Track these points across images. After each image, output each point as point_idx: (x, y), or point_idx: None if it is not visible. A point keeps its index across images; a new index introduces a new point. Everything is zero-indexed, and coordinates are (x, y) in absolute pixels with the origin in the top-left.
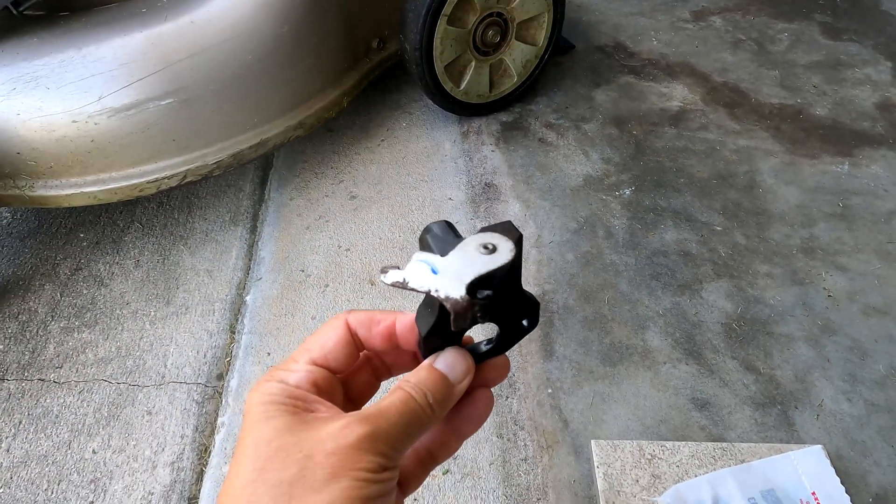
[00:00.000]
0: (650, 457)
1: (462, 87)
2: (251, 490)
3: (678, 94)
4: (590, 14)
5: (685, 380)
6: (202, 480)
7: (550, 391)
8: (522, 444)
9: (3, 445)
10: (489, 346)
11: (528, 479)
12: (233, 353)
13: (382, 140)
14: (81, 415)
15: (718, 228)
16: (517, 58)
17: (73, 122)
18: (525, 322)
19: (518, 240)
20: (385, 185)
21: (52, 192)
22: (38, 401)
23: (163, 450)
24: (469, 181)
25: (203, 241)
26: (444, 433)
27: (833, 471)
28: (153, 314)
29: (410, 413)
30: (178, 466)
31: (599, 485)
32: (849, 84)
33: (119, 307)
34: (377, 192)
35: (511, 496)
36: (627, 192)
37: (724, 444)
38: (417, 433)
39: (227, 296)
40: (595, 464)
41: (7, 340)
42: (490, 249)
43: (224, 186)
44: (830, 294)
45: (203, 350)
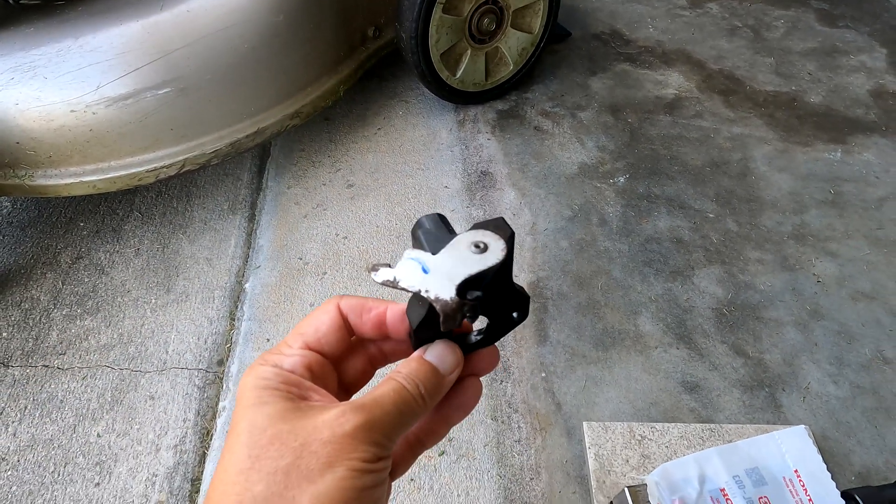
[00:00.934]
0: (640, 438)
1: (458, 76)
2: (245, 478)
3: (674, 82)
4: (587, 1)
5: (676, 364)
6: (205, 462)
7: (544, 375)
8: (516, 426)
9: (10, 430)
10: (479, 338)
11: (522, 460)
12: (233, 340)
13: (379, 128)
14: (85, 400)
15: (711, 215)
16: (513, 46)
17: (72, 112)
18: (515, 314)
19: (509, 238)
20: (382, 174)
21: (52, 182)
22: (43, 386)
23: (166, 433)
24: (465, 169)
25: (202, 230)
26: (434, 420)
27: (815, 450)
28: (154, 301)
29: (403, 403)
30: (181, 449)
31: (591, 465)
32: (843, 71)
33: (120, 295)
34: (374, 181)
35: (505, 476)
36: (622, 180)
37: (713, 426)
38: (410, 422)
39: (227, 283)
40: (587, 445)
41: (10, 328)
42: (481, 248)
43: (222, 175)
44: (820, 280)
45: (203, 336)
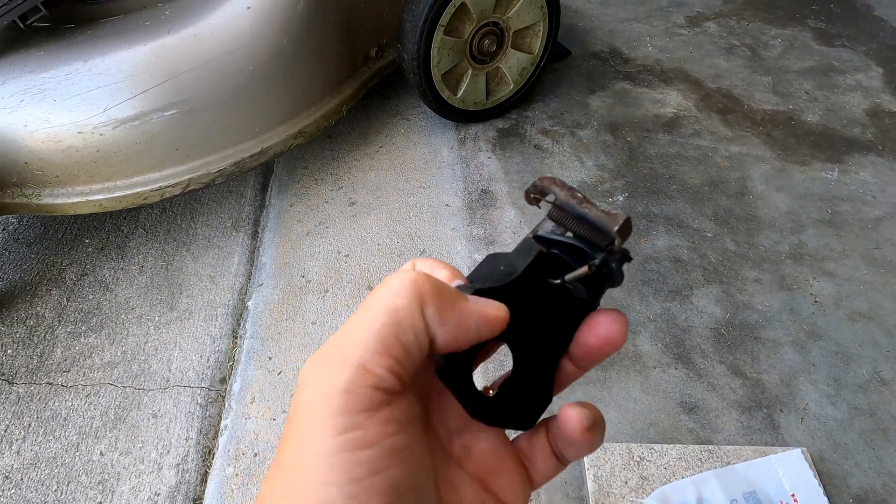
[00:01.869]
0: (639, 459)
1: (459, 95)
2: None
3: (672, 101)
4: (586, 20)
5: (674, 384)
6: (206, 482)
7: None
8: None
9: (14, 447)
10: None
11: None
12: (235, 358)
13: (381, 146)
14: (89, 417)
15: (709, 235)
16: (513, 66)
17: (79, 133)
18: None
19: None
20: (383, 192)
21: (59, 201)
22: (47, 404)
23: (168, 452)
24: (466, 187)
25: (206, 247)
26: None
27: (812, 473)
28: (157, 319)
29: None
30: (183, 468)
31: (589, 486)
32: (840, 90)
33: (124, 312)
34: (376, 199)
35: None
36: (621, 199)
37: (711, 447)
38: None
39: (230, 301)
40: (585, 466)
41: (15, 345)
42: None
43: (226, 193)
44: (817, 300)
45: (206, 354)
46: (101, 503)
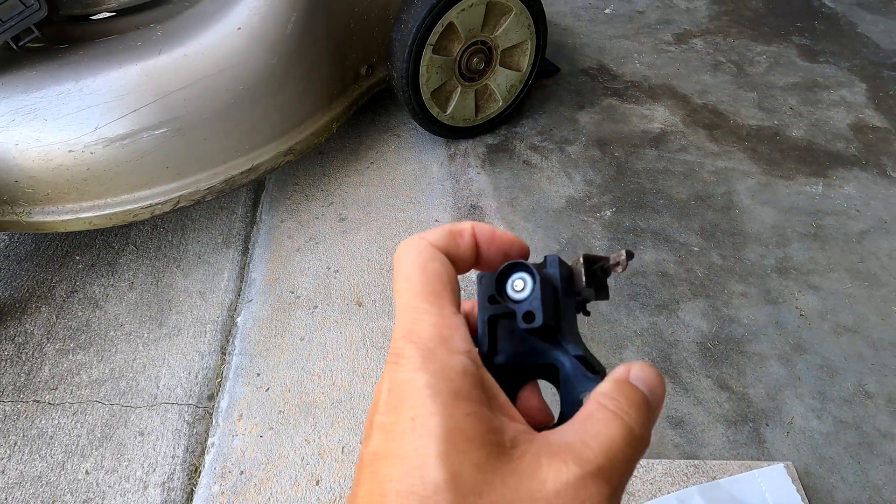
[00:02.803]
0: None
1: (448, 112)
2: None
3: (659, 116)
4: (575, 37)
5: None
6: (192, 500)
7: None
8: None
9: None
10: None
11: None
12: (223, 374)
13: (372, 163)
14: (75, 436)
15: (696, 249)
16: (502, 83)
17: (70, 152)
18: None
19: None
20: (374, 208)
21: (49, 218)
22: (34, 422)
23: (154, 470)
24: (455, 203)
25: (196, 264)
26: None
27: (795, 488)
28: (146, 336)
29: (635, 450)
30: (169, 486)
31: None
32: (824, 106)
33: (113, 329)
34: (366, 215)
35: None
36: (608, 214)
37: (697, 462)
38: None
39: (219, 317)
40: None
41: (3, 362)
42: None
43: (217, 209)
44: (803, 313)
45: (194, 371)
46: None
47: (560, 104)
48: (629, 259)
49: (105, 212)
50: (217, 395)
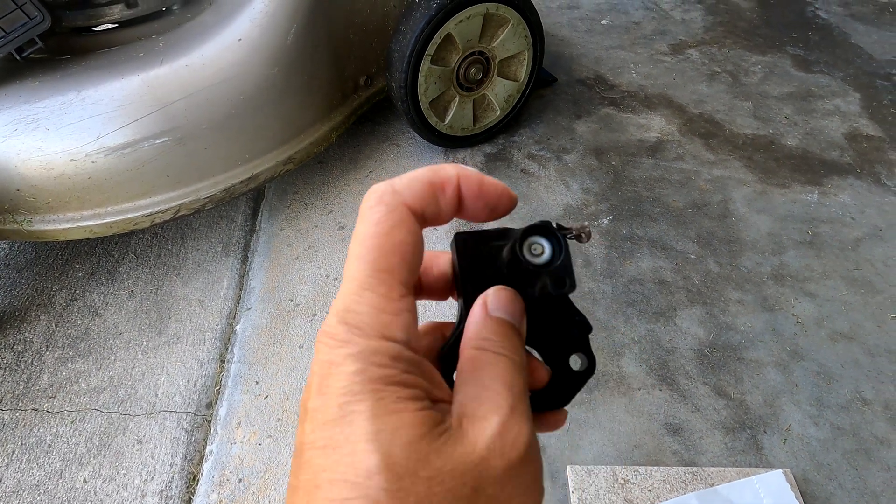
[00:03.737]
0: (623, 482)
1: (447, 122)
2: None
3: (656, 126)
4: (572, 48)
5: (659, 405)
6: None
7: None
8: None
9: None
10: (537, 396)
11: None
12: (222, 382)
13: (371, 171)
14: (73, 444)
15: (692, 256)
16: (500, 93)
17: (72, 161)
18: (581, 361)
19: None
20: None
21: (50, 227)
22: (32, 430)
23: (152, 478)
24: None
25: (195, 272)
26: None
27: (793, 494)
28: (145, 344)
29: (522, 376)
30: (167, 495)
31: None
32: (819, 115)
33: (112, 337)
34: None
35: None
36: (605, 222)
37: (695, 469)
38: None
39: (218, 325)
40: (570, 489)
41: (2, 371)
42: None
43: (216, 217)
44: (799, 320)
45: (193, 379)
46: None
47: (557, 114)
48: (590, 233)
49: (105, 220)
50: (216, 403)
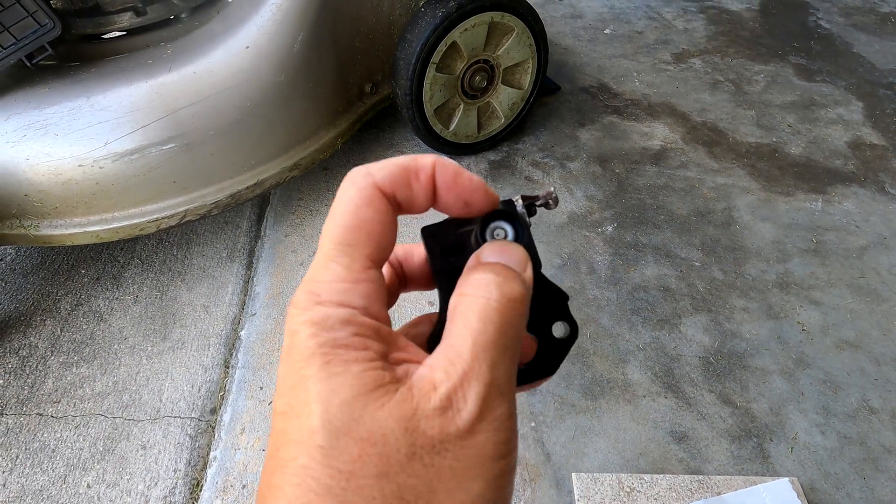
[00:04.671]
0: (629, 490)
1: (451, 129)
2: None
3: (659, 134)
4: (576, 56)
5: (664, 413)
6: None
7: (534, 425)
8: None
9: (0, 480)
10: (528, 368)
11: None
12: (226, 388)
13: None
14: (77, 449)
15: (697, 264)
16: (504, 100)
17: (80, 167)
18: (562, 330)
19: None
20: None
21: (57, 232)
22: (36, 435)
23: (156, 484)
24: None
25: (200, 277)
26: None
27: (799, 503)
28: (150, 349)
29: (502, 315)
30: (171, 501)
31: None
32: (822, 123)
33: (117, 342)
34: None
35: None
36: (610, 229)
37: (701, 477)
38: (518, 350)
39: (223, 331)
40: (576, 497)
41: (7, 375)
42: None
43: (222, 223)
44: (804, 328)
45: (198, 384)
46: None
47: (561, 121)
48: (557, 198)
49: (112, 225)
50: (220, 409)
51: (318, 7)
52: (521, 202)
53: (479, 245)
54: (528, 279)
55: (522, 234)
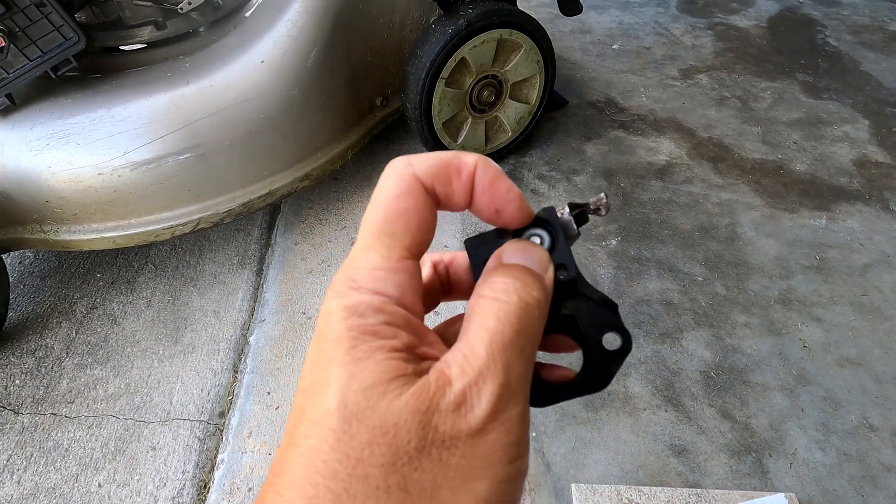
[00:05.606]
0: (627, 502)
1: (459, 142)
2: (334, 492)
3: (665, 149)
4: (583, 71)
5: (664, 426)
6: None
7: (534, 435)
8: None
9: (15, 477)
10: (577, 381)
11: None
12: (235, 392)
13: None
14: (90, 449)
15: (700, 279)
16: (511, 115)
17: (99, 175)
18: (613, 341)
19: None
20: None
21: (75, 237)
22: (50, 434)
23: (164, 485)
24: (464, 229)
25: (211, 283)
26: None
27: None
28: (161, 353)
29: (521, 319)
30: (179, 502)
31: None
32: (828, 141)
33: (130, 345)
34: None
35: None
36: (614, 243)
37: (699, 491)
38: (533, 352)
39: (232, 336)
40: None
41: (24, 375)
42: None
43: (233, 231)
44: (806, 345)
45: (207, 388)
46: None
47: (568, 135)
48: (609, 203)
49: (128, 232)
50: (228, 413)
51: (332, 23)
52: (569, 210)
53: None
54: (549, 282)
55: (557, 243)
